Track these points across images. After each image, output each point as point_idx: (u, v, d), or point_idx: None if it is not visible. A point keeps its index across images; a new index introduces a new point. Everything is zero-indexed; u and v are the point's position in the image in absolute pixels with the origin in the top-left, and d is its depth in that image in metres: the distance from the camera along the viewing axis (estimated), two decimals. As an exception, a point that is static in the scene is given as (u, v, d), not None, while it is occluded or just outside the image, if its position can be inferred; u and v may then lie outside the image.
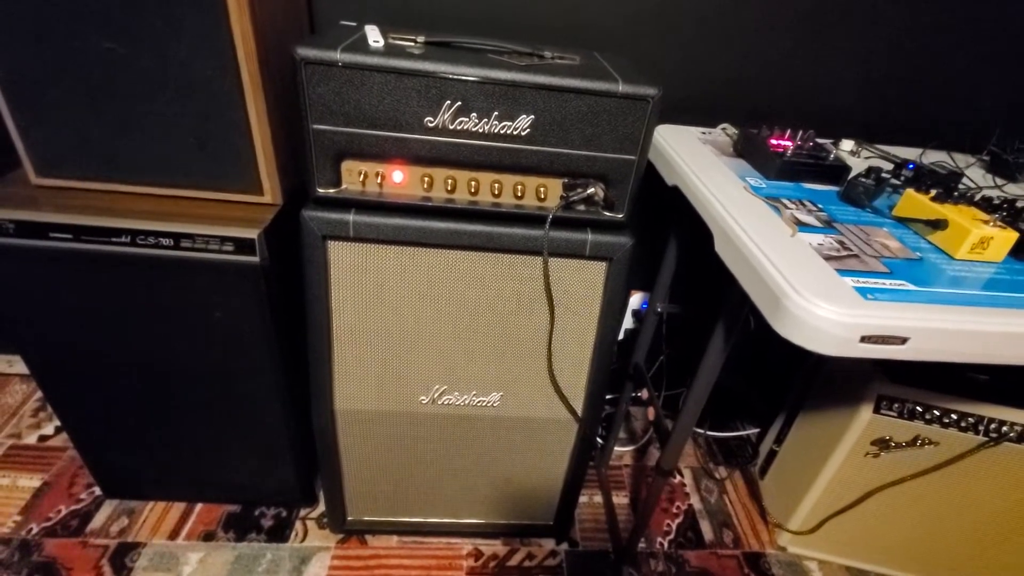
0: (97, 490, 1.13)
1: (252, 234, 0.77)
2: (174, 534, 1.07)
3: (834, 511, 1.06)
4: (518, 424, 0.94)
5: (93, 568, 1.00)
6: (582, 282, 0.80)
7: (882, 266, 0.59)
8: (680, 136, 0.92)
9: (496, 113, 0.67)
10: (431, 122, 0.67)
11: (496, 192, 0.73)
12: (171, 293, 0.81)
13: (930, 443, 0.94)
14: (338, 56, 0.62)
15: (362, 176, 0.71)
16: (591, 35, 0.99)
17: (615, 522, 1.20)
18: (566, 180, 0.73)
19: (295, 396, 0.95)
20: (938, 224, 0.65)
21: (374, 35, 0.68)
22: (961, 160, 0.97)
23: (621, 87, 0.66)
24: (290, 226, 0.76)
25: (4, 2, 0.67)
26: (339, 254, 0.75)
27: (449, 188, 0.72)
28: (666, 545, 1.17)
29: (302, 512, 1.14)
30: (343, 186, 0.71)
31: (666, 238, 1.02)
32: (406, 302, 0.80)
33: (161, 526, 1.08)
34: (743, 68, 1.02)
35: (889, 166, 0.85)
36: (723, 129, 0.97)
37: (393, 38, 0.70)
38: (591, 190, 0.73)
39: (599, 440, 1.33)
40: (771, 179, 0.79)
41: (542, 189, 0.73)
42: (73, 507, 1.10)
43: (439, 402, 0.90)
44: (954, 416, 0.92)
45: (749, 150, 0.86)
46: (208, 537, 1.07)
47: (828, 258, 0.59)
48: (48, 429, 1.26)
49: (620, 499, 1.26)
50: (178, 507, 1.12)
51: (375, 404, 0.90)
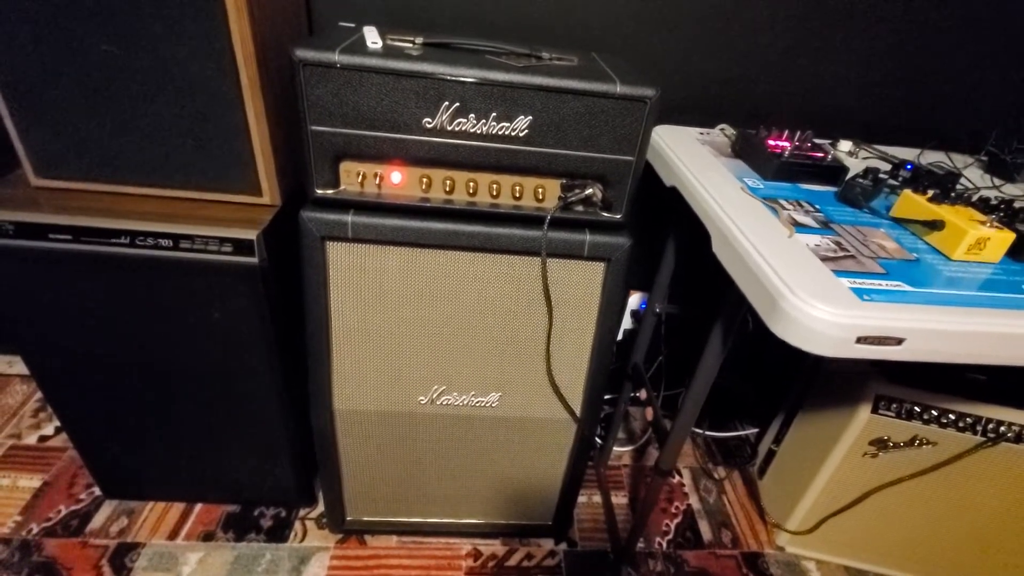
0: (97, 490, 1.13)
1: (251, 235, 0.77)
2: (173, 534, 1.07)
3: (832, 511, 1.06)
4: (517, 424, 0.94)
5: (93, 568, 1.00)
6: (580, 283, 0.80)
7: (879, 267, 0.59)
8: (678, 136, 0.92)
9: (494, 114, 0.67)
10: (429, 123, 0.67)
11: (494, 193, 0.73)
12: (170, 294, 0.82)
13: (928, 443, 0.94)
14: (336, 58, 0.62)
15: (360, 177, 0.71)
16: (589, 36, 0.99)
17: (614, 522, 1.20)
18: (564, 181, 0.73)
19: (294, 396, 0.95)
20: (935, 225, 0.65)
21: (372, 36, 0.68)
22: (959, 160, 0.98)
23: (619, 88, 0.66)
24: (289, 227, 0.76)
25: (4, 5, 0.67)
26: (338, 255, 0.75)
27: (447, 189, 0.72)
28: (665, 545, 1.17)
29: (301, 512, 1.14)
30: (341, 187, 0.72)
31: (665, 238, 1.02)
32: (405, 303, 0.80)
33: (161, 526, 1.08)
34: (741, 68, 1.03)
35: (887, 166, 0.85)
36: (721, 130, 0.97)
37: (391, 39, 0.70)
38: (589, 191, 0.73)
39: (598, 440, 1.34)
40: (769, 180, 0.79)
41: (540, 190, 0.74)
42: (73, 507, 1.10)
43: (438, 402, 0.91)
44: (952, 416, 0.92)
45: (747, 151, 0.86)
46: (207, 537, 1.07)
47: (825, 259, 0.59)
48: (48, 429, 1.26)
49: (619, 499, 1.26)
50: (177, 507, 1.12)
51: (374, 404, 0.90)
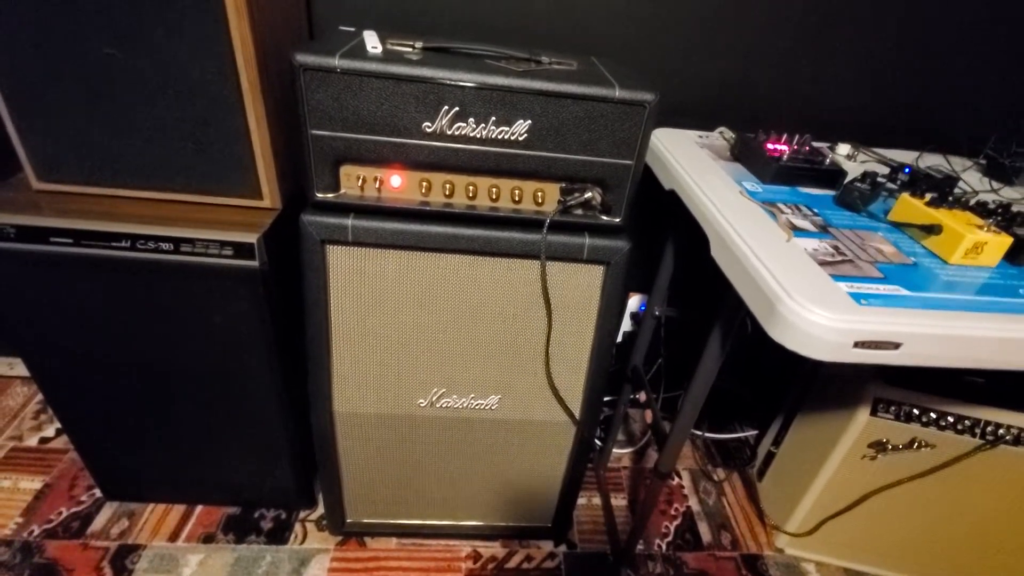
0: (98, 492, 1.13)
1: (251, 238, 0.77)
2: (174, 536, 1.08)
3: (832, 513, 1.07)
4: (516, 427, 0.95)
5: (94, 570, 1.01)
6: (580, 286, 0.81)
7: (876, 271, 0.59)
8: (677, 140, 0.92)
9: (493, 118, 0.67)
10: (429, 127, 0.67)
11: (494, 196, 0.73)
12: (171, 297, 0.82)
13: (927, 446, 0.94)
14: (336, 62, 0.62)
15: (360, 181, 0.71)
16: (589, 40, 0.99)
17: (613, 524, 1.20)
18: (563, 184, 0.73)
19: (294, 399, 0.95)
20: (932, 229, 0.65)
21: (372, 41, 0.69)
22: (958, 163, 0.98)
23: (618, 93, 0.66)
24: (289, 230, 0.77)
25: (5, 9, 0.67)
26: (338, 258, 0.76)
27: (447, 193, 0.73)
28: (664, 547, 1.17)
29: (301, 514, 1.15)
30: (342, 191, 0.72)
31: (664, 241, 1.03)
32: (404, 306, 0.80)
33: (161, 528, 1.09)
34: (740, 71, 1.03)
35: (885, 170, 0.86)
36: (720, 133, 0.97)
37: (391, 44, 0.71)
38: (588, 194, 0.73)
39: (597, 442, 1.34)
40: (767, 183, 0.79)
41: (540, 193, 0.74)
42: (74, 509, 1.10)
43: (438, 405, 0.91)
44: (951, 419, 0.92)
45: (746, 154, 0.86)
46: (208, 539, 1.08)
47: (823, 263, 0.59)
48: (49, 431, 1.26)
49: (618, 501, 1.26)
50: (178, 509, 1.12)
51: (374, 407, 0.90)
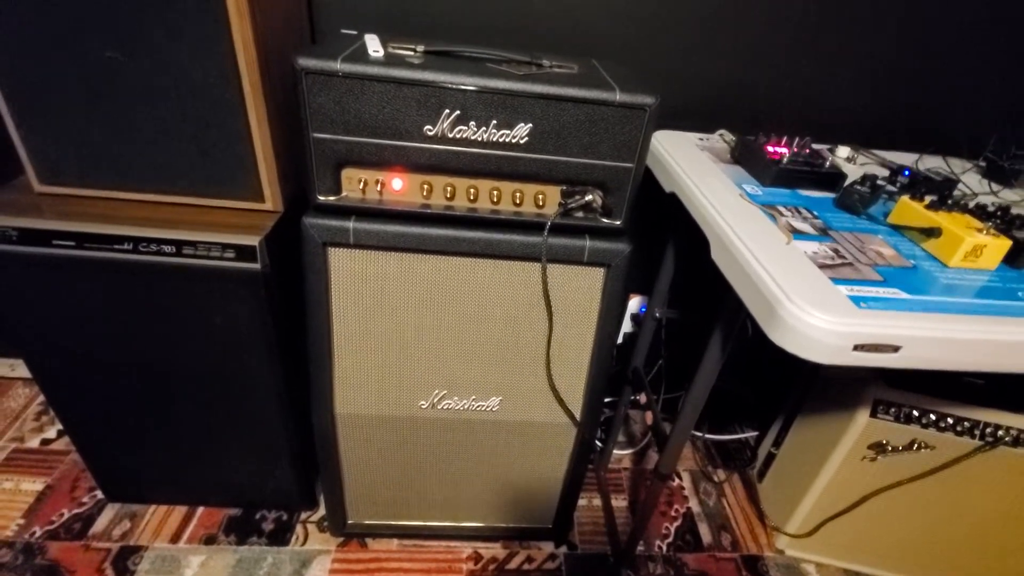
0: (99, 494, 1.13)
1: (253, 241, 0.77)
2: (176, 537, 1.08)
3: (832, 514, 1.07)
4: (517, 428, 0.95)
5: (96, 571, 1.01)
6: (580, 288, 0.81)
7: (876, 274, 0.59)
8: (678, 142, 0.93)
9: (494, 122, 0.67)
10: (430, 130, 0.67)
11: (495, 199, 0.74)
12: (173, 299, 0.82)
13: (926, 447, 0.94)
14: (338, 66, 0.62)
15: (362, 184, 0.71)
16: (590, 42, 0.99)
17: (614, 525, 1.20)
18: (564, 187, 0.74)
19: (296, 400, 0.95)
20: (932, 232, 0.65)
21: (374, 44, 0.69)
22: (957, 166, 0.98)
23: (618, 96, 0.66)
24: (291, 233, 0.77)
25: (7, 13, 0.68)
26: (339, 261, 0.76)
27: (448, 195, 0.73)
28: (664, 548, 1.17)
29: (303, 515, 1.15)
30: (343, 193, 0.72)
31: (664, 243, 1.03)
32: (406, 308, 0.81)
33: (163, 529, 1.09)
34: (741, 74, 1.03)
35: (885, 172, 0.86)
36: (720, 135, 0.97)
37: (393, 47, 0.71)
38: (589, 197, 0.73)
39: (598, 443, 1.34)
40: (767, 186, 0.80)
41: (540, 196, 0.74)
42: (76, 511, 1.11)
43: (439, 407, 0.91)
44: (950, 420, 0.92)
45: (746, 156, 0.86)
46: (209, 540, 1.08)
47: (822, 266, 0.59)
48: (51, 433, 1.26)
49: (619, 502, 1.26)
50: (180, 510, 1.13)
51: (375, 408, 0.90)
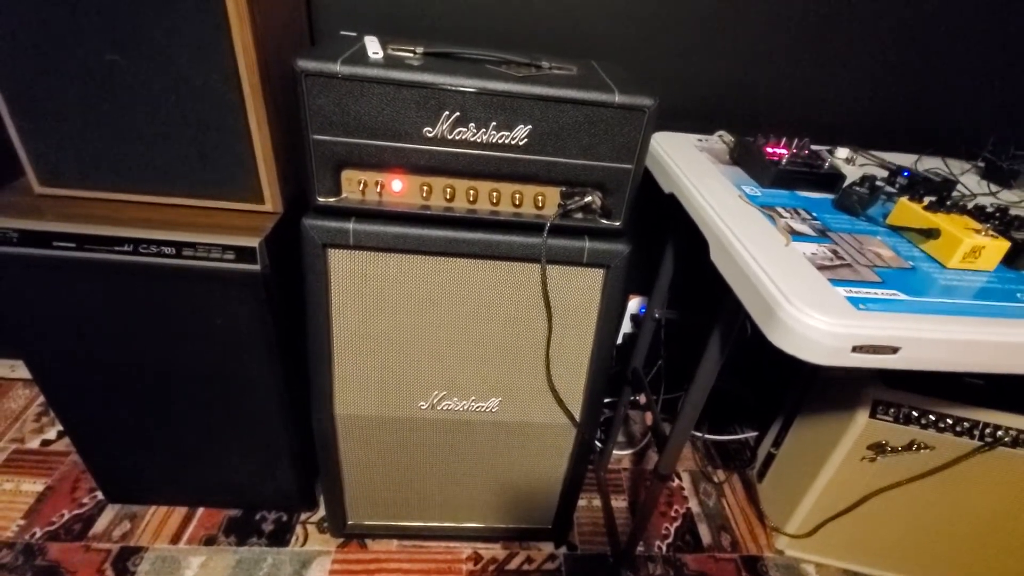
0: (100, 494, 1.13)
1: (253, 243, 0.77)
2: (176, 538, 1.08)
3: (831, 515, 1.07)
4: (517, 429, 0.95)
5: (96, 572, 1.01)
6: (580, 289, 0.81)
7: (874, 275, 0.60)
8: (677, 143, 0.93)
9: (494, 123, 0.67)
10: (430, 132, 0.68)
11: (494, 201, 0.74)
12: (173, 300, 0.82)
13: (926, 447, 0.94)
14: (338, 68, 0.63)
15: (362, 185, 0.71)
16: (589, 44, 0.99)
17: (614, 526, 1.20)
18: (564, 188, 0.74)
19: (296, 401, 0.95)
20: (931, 233, 0.65)
21: (373, 46, 0.69)
22: (956, 166, 0.98)
23: (617, 98, 0.66)
24: (291, 234, 0.77)
25: (8, 16, 0.68)
26: (339, 262, 0.76)
27: (448, 197, 0.73)
28: (664, 549, 1.18)
29: (303, 516, 1.15)
30: (343, 195, 0.72)
31: (664, 244, 1.03)
32: (405, 309, 0.81)
33: (163, 530, 1.09)
34: (740, 75, 1.03)
35: (884, 173, 0.86)
36: (720, 136, 0.98)
37: (392, 49, 0.71)
38: (588, 198, 0.73)
39: (598, 444, 1.34)
40: (766, 187, 0.80)
41: (540, 197, 0.74)
42: (76, 511, 1.11)
43: (438, 407, 0.91)
44: (949, 421, 0.92)
45: (745, 158, 0.86)
46: (209, 541, 1.08)
47: (821, 268, 0.60)
48: (51, 434, 1.27)
49: (619, 503, 1.26)
50: (180, 511, 1.13)
51: (375, 410, 0.90)
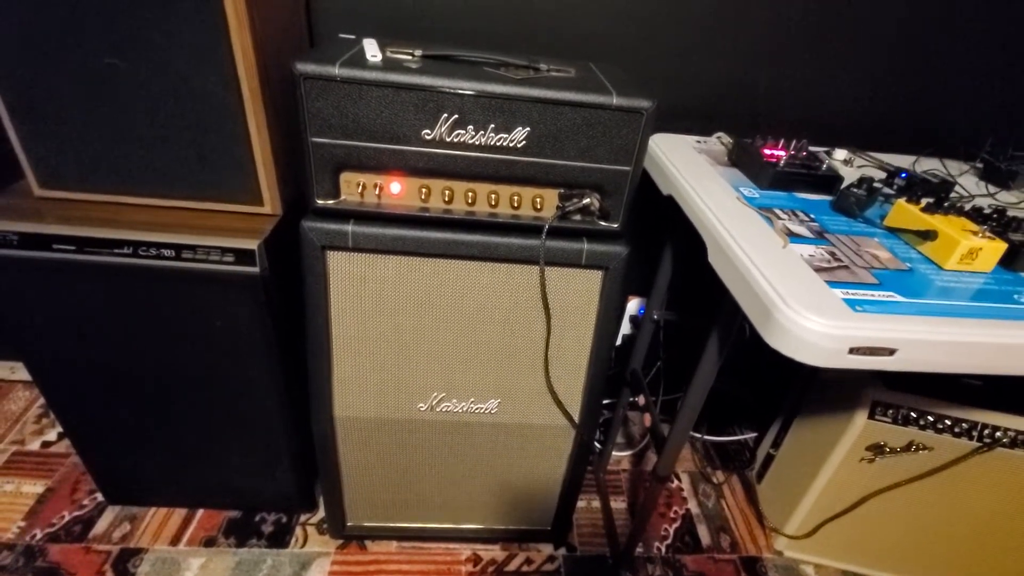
0: (100, 496, 1.14)
1: (252, 245, 0.78)
2: (176, 540, 1.08)
3: (830, 515, 1.07)
4: (516, 430, 0.95)
5: (96, 573, 1.01)
6: (578, 291, 0.81)
7: (872, 277, 0.60)
8: (675, 145, 0.93)
9: (492, 125, 0.68)
10: (428, 134, 0.68)
11: (493, 203, 0.74)
12: (172, 302, 0.82)
13: (924, 448, 0.95)
14: (336, 71, 0.63)
15: (360, 187, 0.72)
16: (588, 45, 0.99)
17: (613, 527, 1.20)
18: (562, 191, 0.74)
19: (295, 403, 0.96)
20: (928, 235, 0.65)
21: (372, 49, 0.69)
22: (954, 168, 0.98)
23: (615, 100, 0.66)
24: (290, 236, 0.77)
25: (8, 19, 0.68)
26: (338, 264, 0.76)
27: (446, 199, 0.73)
28: (663, 550, 1.18)
29: (302, 518, 1.15)
30: (342, 197, 0.72)
31: (662, 246, 1.03)
32: (404, 311, 0.81)
33: (163, 532, 1.09)
34: (738, 77, 1.03)
35: (882, 175, 0.86)
36: (718, 138, 0.98)
37: (391, 52, 0.71)
38: (586, 200, 0.73)
39: (597, 445, 1.34)
40: (764, 189, 0.80)
41: (538, 199, 0.74)
42: (76, 513, 1.11)
43: (438, 409, 0.91)
44: (948, 422, 0.92)
45: (743, 159, 0.86)
46: (209, 543, 1.08)
47: (819, 270, 0.60)
48: (51, 435, 1.27)
49: (618, 504, 1.27)
50: (180, 513, 1.13)
51: (374, 411, 0.90)
